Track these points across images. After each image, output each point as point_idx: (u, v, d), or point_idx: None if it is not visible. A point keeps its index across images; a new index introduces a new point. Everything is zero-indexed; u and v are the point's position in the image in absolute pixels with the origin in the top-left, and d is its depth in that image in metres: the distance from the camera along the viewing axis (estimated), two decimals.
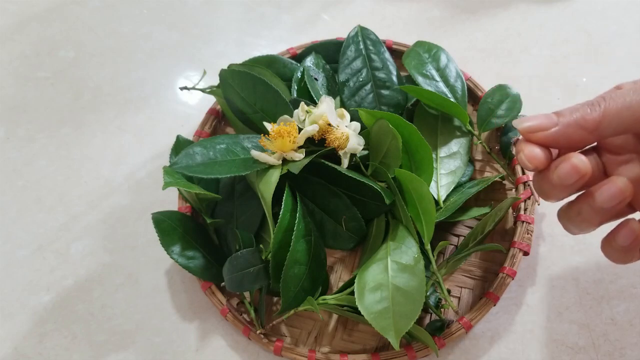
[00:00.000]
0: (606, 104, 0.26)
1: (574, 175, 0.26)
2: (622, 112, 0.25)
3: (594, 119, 0.26)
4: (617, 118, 0.26)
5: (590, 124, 0.26)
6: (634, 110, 0.25)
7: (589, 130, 0.26)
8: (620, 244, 0.27)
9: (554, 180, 0.26)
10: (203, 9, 0.59)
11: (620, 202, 0.26)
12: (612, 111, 0.26)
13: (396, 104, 0.44)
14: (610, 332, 0.39)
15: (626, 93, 0.26)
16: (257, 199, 0.38)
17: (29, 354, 0.40)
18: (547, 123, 0.27)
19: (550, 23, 0.54)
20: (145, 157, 0.49)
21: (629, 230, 0.27)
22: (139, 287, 0.43)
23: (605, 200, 0.26)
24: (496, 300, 0.37)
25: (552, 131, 0.26)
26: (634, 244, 0.27)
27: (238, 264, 0.36)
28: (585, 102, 0.27)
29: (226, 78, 0.40)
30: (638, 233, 0.27)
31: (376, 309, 0.33)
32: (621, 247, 0.27)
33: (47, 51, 0.56)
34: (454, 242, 0.42)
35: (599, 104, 0.26)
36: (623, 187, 0.26)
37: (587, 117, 0.26)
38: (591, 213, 0.27)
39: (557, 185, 0.27)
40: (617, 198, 0.26)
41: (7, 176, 0.48)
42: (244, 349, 0.40)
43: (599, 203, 0.26)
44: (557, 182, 0.26)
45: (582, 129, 0.26)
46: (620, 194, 0.26)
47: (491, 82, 0.45)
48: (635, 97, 0.25)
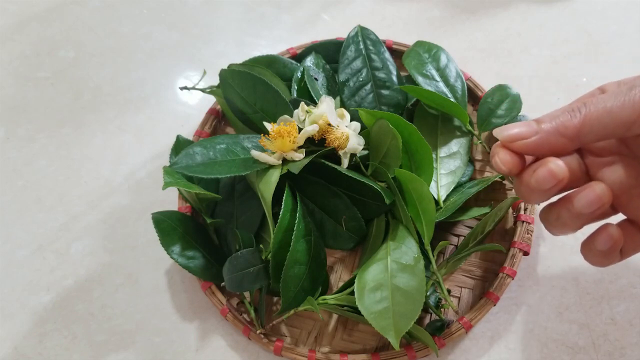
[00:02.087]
0: (586, 110, 0.25)
1: (551, 181, 0.26)
2: (603, 118, 0.25)
3: (574, 126, 0.25)
4: (597, 124, 0.25)
5: (571, 132, 0.26)
6: (614, 116, 0.25)
7: (569, 137, 0.26)
8: (599, 249, 0.27)
9: (531, 185, 0.26)
10: (203, 9, 0.59)
11: (599, 208, 0.26)
12: (593, 117, 0.25)
13: (396, 104, 0.44)
14: (610, 332, 0.39)
15: (607, 98, 0.25)
16: (257, 199, 0.38)
17: (29, 354, 0.40)
18: (527, 131, 0.26)
19: (550, 23, 0.54)
20: (145, 157, 0.49)
21: (607, 235, 0.27)
22: (139, 287, 0.43)
23: (583, 206, 0.26)
24: (496, 300, 0.37)
25: (532, 140, 0.26)
26: (612, 249, 0.27)
27: (238, 264, 0.36)
28: (566, 107, 0.26)
29: (226, 78, 0.40)
30: (616, 239, 0.27)
31: (376, 309, 0.33)
32: (599, 252, 0.27)
33: (47, 51, 0.56)
34: (454, 242, 0.42)
35: (579, 110, 0.26)
36: (601, 193, 0.26)
37: (568, 124, 0.26)
38: (570, 218, 0.27)
39: (534, 190, 0.26)
40: (596, 204, 0.26)
41: (7, 176, 0.48)
42: (244, 349, 0.40)
43: (577, 209, 0.26)
44: (535, 187, 0.26)
45: (562, 136, 0.26)
46: (599, 200, 0.26)
47: (491, 82, 0.45)
48: (616, 102, 0.25)
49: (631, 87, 0.25)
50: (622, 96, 0.25)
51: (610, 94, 0.25)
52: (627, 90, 0.25)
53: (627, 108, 0.24)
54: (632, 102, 0.24)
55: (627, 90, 0.25)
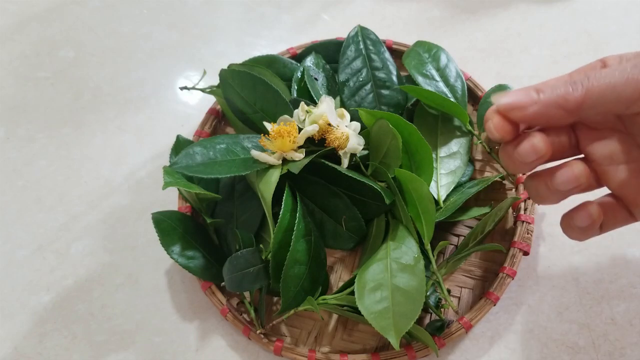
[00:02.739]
0: (589, 83, 0.25)
1: (532, 155, 0.26)
2: (606, 94, 0.25)
3: (575, 100, 0.25)
4: (599, 99, 0.25)
5: (572, 105, 0.25)
6: (617, 92, 0.24)
7: (569, 110, 0.25)
8: (578, 225, 0.28)
9: (514, 156, 0.27)
10: (203, 9, 0.59)
11: (576, 187, 0.27)
12: (595, 92, 0.25)
13: (396, 104, 0.44)
14: (610, 332, 0.39)
15: (611, 73, 0.25)
16: (257, 199, 0.38)
17: (29, 354, 0.40)
18: (526, 101, 0.26)
19: (550, 23, 0.54)
20: (145, 157, 0.49)
21: (587, 213, 0.28)
22: (139, 287, 0.43)
23: (560, 183, 0.27)
24: (496, 300, 0.37)
25: (530, 110, 0.26)
26: (590, 226, 0.28)
27: (238, 264, 0.36)
28: (566, 78, 0.26)
29: (226, 78, 0.40)
30: (595, 217, 0.28)
31: (376, 308, 0.33)
32: (578, 228, 0.28)
33: (47, 51, 0.56)
34: (454, 242, 0.42)
35: (582, 83, 0.25)
36: (579, 173, 0.26)
37: (569, 96, 0.25)
38: (548, 192, 0.27)
39: (516, 162, 0.27)
40: (572, 183, 0.26)
41: (7, 176, 0.48)
42: (244, 349, 0.40)
43: (554, 185, 0.27)
44: (517, 159, 0.27)
45: (561, 108, 0.25)
46: (575, 180, 0.26)
47: (491, 82, 0.45)
48: (620, 78, 0.24)
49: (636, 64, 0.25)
50: (626, 73, 0.24)
51: (614, 69, 0.25)
52: (632, 68, 0.24)
53: (630, 85, 0.24)
54: (636, 80, 0.24)
55: (631, 68, 0.25)
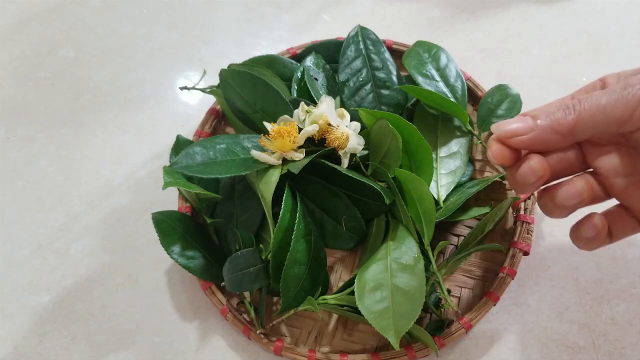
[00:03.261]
0: (581, 107, 0.26)
1: (532, 176, 0.28)
2: (596, 117, 0.26)
3: (568, 124, 0.27)
4: (591, 122, 0.26)
5: (565, 129, 0.27)
6: (608, 114, 0.26)
7: (563, 134, 0.27)
8: (584, 236, 0.29)
9: (517, 179, 0.28)
10: (203, 9, 0.59)
11: (579, 202, 0.28)
12: (586, 116, 0.26)
13: (396, 104, 0.44)
14: (610, 332, 0.39)
15: (601, 95, 0.26)
16: (257, 199, 0.38)
17: (29, 354, 0.40)
18: (523, 128, 0.28)
19: (550, 23, 0.54)
20: (145, 157, 0.49)
21: (591, 224, 0.29)
22: (139, 287, 0.43)
23: (564, 199, 0.28)
24: (496, 300, 0.37)
25: (527, 137, 0.27)
26: (596, 237, 0.29)
27: (238, 264, 0.36)
28: (561, 103, 0.27)
29: (226, 78, 0.40)
30: (599, 228, 0.29)
31: (376, 308, 0.33)
32: (585, 238, 0.29)
33: (47, 51, 0.56)
34: (454, 242, 0.42)
35: (574, 107, 0.27)
36: (581, 189, 0.28)
37: (562, 121, 0.27)
38: (554, 208, 0.29)
39: (520, 184, 0.28)
40: (575, 199, 0.28)
41: (7, 176, 0.48)
42: (244, 349, 0.40)
43: (559, 201, 0.28)
44: (520, 181, 0.28)
45: (556, 133, 0.27)
46: (578, 195, 0.28)
47: (491, 82, 0.45)
48: (610, 100, 0.26)
49: (625, 85, 0.26)
50: (616, 94, 0.26)
51: (605, 91, 0.26)
52: (621, 89, 0.26)
53: (620, 106, 0.25)
54: (625, 100, 0.25)
55: (621, 89, 0.26)
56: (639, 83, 0.25)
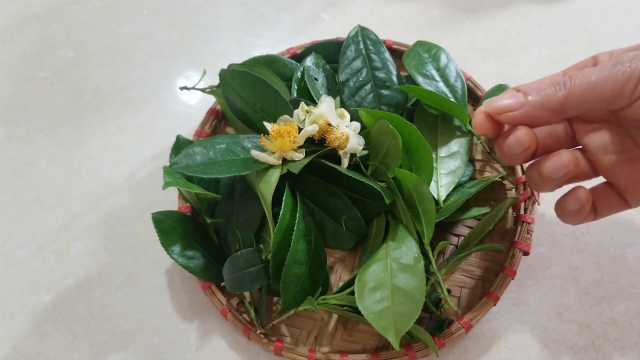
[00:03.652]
0: (571, 84, 0.26)
1: (518, 147, 0.28)
2: (586, 93, 0.26)
3: (558, 100, 0.27)
4: (581, 99, 0.26)
5: (555, 105, 0.27)
6: (597, 91, 0.26)
7: (554, 110, 0.27)
8: (569, 209, 0.30)
9: (504, 150, 0.29)
10: (203, 9, 0.59)
11: (565, 174, 0.28)
12: (577, 92, 0.26)
13: (396, 104, 0.44)
14: (610, 332, 0.39)
15: (591, 72, 0.26)
16: (257, 199, 0.38)
17: (29, 354, 0.40)
18: (514, 104, 0.28)
19: (550, 23, 0.54)
20: (145, 157, 0.49)
21: (576, 198, 0.29)
22: (139, 287, 0.43)
23: (550, 171, 0.28)
24: (496, 300, 0.37)
25: (518, 112, 0.28)
26: (580, 210, 0.29)
27: (238, 264, 0.36)
28: (552, 80, 0.28)
29: (226, 78, 0.40)
30: (584, 201, 0.29)
31: (376, 308, 0.33)
32: (569, 211, 0.30)
33: (47, 51, 0.56)
34: (454, 242, 0.42)
35: (565, 84, 0.27)
36: (567, 162, 0.28)
37: (552, 98, 0.27)
38: (541, 180, 0.29)
39: (507, 154, 0.29)
40: (561, 171, 0.28)
41: (7, 176, 0.48)
42: (244, 349, 0.40)
43: (545, 173, 0.28)
44: (507, 152, 0.29)
45: (547, 109, 0.27)
46: (564, 167, 0.28)
47: (491, 82, 0.45)
48: (600, 77, 0.26)
49: (615, 63, 0.26)
50: (606, 71, 0.26)
51: (596, 68, 0.27)
52: (612, 67, 0.26)
53: (609, 83, 0.26)
54: (614, 78, 0.26)
55: (611, 66, 0.26)
56: (629, 60, 0.26)
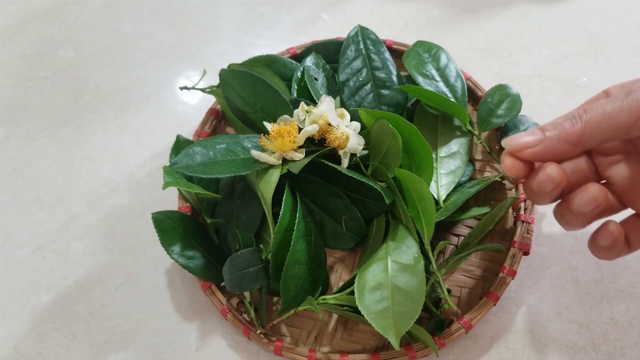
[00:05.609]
0: (587, 116, 0.27)
1: (550, 184, 0.28)
2: (602, 124, 0.26)
3: (575, 133, 0.27)
4: (598, 130, 0.27)
5: (573, 138, 0.27)
6: (613, 120, 0.26)
7: (572, 143, 0.27)
8: (602, 245, 0.29)
9: (534, 188, 0.28)
10: (203, 9, 0.59)
11: (596, 207, 0.28)
12: (593, 124, 0.27)
13: (396, 104, 0.44)
14: (610, 332, 0.39)
15: (606, 103, 0.27)
16: (257, 199, 0.38)
17: (29, 354, 0.40)
18: (533, 140, 0.28)
19: (550, 23, 0.54)
20: (145, 157, 0.49)
21: (607, 232, 0.29)
22: (139, 287, 0.43)
23: (580, 206, 0.28)
24: (496, 300, 0.37)
25: (538, 148, 0.28)
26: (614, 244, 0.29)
27: (238, 264, 0.36)
28: (568, 114, 0.28)
29: (226, 78, 0.40)
30: (616, 235, 0.29)
31: (376, 308, 0.33)
32: (603, 247, 0.29)
33: (47, 51, 0.56)
34: (454, 242, 0.42)
35: (581, 117, 0.27)
36: (596, 194, 0.28)
37: (570, 131, 0.27)
38: (572, 216, 0.29)
39: (537, 193, 0.29)
40: (592, 204, 0.28)
41: (7, 176, 0.48)
42: (244, 349, 0.40)
43: (576, 208, 0.28)
44: (537, 190, 0.28)
45: (565, 142, 0.27)
46: (594, 201, 0.28)
47: (491, 82, 0.45)
48: (615, 107, 0.26)
49: (629, 92, 0.26)
50: (620, 101, 0.26)
51: (610, 99, 0.27)
52: (625, 96, 0.26)
53: (624, 113, 0.26)
54: (629, 106, 0.26)
55: (624, 96, 0.26)
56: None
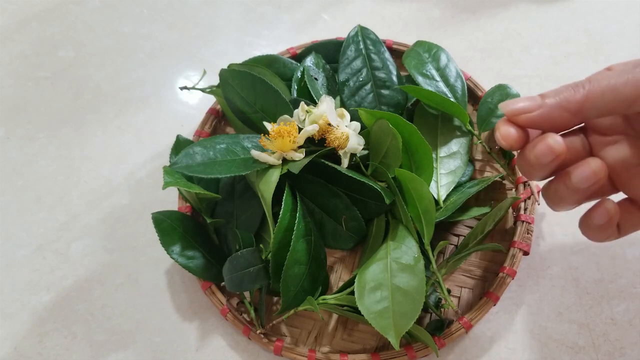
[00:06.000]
0: (590, 85, 0.26)
1: (549, 155, 0.27)
2: (606, 95, 0.25)
3: (577, 101, 0.26)
4: (600, 100, 0.26)
5: (573, 106, 0.26)
6: (617, 92, 0.25)
7: (572, 112, 0.26)
8: (596, 223, 0.28)
9: (531, 160, 0.27)
10: (203, 9, 0.59)
11: (594, 183, 0.27)
12: (596, 93, 0.26)
13: (396, 104, 0.44)
14: (610, 332, 0.39)
15: (611, 75, 0.26)
16: (257, 199, 0.38)
17: (29, 354, 0.40)
18: (531, 105, 0.27)
19: (550, 23, 0.54)
20: (145, 157, 0.49)
21: (604, 210, 0.28)
22: (139, 287, 0.43)
23: (579, 181, 0.27)
24: (496, 300, 0.37)
25: (535, 113, 0.27)
26: (608, 224, 0.28)
27: (238, 264, 0.36)
28: (571, 83, 0.27)
29: (226, 78, 0.40)
30: (612, 214, 0.28)
31: (376, 308, 0.33)
32: (596, 226, 0.28)
33: (47, 51, 0.56)
34: (454, 242, 0.42)
35: (583, 85, 0.26)
36: (597, 169, 0.27)
37: (570, 98, 0.26)
38: (567, 192, 0.28)
39: (534, 165, 0.27)
40: (591, 179, 0.27)
41: (7, 176, 0.48)
42: (244, 349, 0.40)
43: (574, 183, 0.27)
44: (534, 162, 0.27)
45: (565, 110, 0.26)
46: (594, 175, 0.27)
47: (491, 82, 0.45)
48: (620, 79, 0.25)
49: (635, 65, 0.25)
50: (626, 74, 0.25)
51: (615, 71, 0.26)
52: (632, 68, 0.25)
53: (629, 85, 0.25)
54: (635, 79, 0.25)
55: (631, 68, 0.25)
56: None
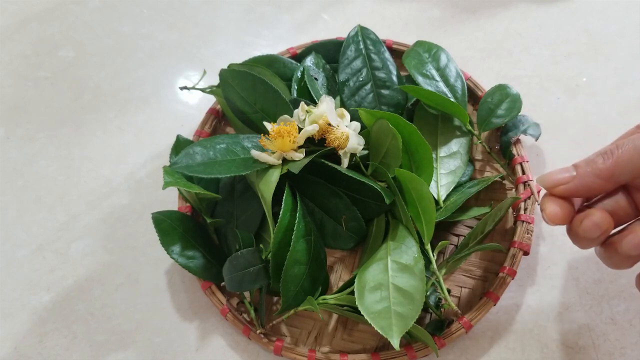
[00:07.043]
0: (618, 152, 0.27)
1: (596, 231, 0.28)
2: (634, 158, 0.27)
3: (607, 168, 0.27)
4: (629, 164, 0.27)
5: (605, 173, 0.28)
6: None
7: (605, 179, 0.28)
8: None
9: (579, 234, 0.29)
10: (203, 9, 0.59)
11: None
12: (624, 158, 0.27)
13: (396, 104, 0.44)
14: (610, 332, 0.39)
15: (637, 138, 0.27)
16: (257, 199, 0.38)
17: (29, 354, 0.40)
18: (566, 177, 0.29)
19: (550, 23, 0.54)
20: (145, 157, 0.49)
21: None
22: (139, 286, 0.43)
23: (629, 249, 0.28)
24: (496, 300, 0.37)
25: (571, 184, 0.28)
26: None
27: (238, 264, 0.36)
28: (601, 150, 0.28)
29: (226, 78, 0.40)
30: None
31: (376, 308, 0.33)
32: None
33: (47, 51, 0.56)
34: (454, 242, 0.42)
35: (612, 152, 0.28)
36: None
37: (601, 166, 0.28)
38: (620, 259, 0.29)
39: (583, 239, 0.29)
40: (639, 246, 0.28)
41: (7, 176, 0.48)
42: (244, 349, 0.40)
43: (624, 252, 0.28)
44: (583, 236, 0.29)
45: (598, 177, 0.28)
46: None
47: (491, 82, 0.45)
48: None
49: None
50: None
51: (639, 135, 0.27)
52: None
53: None
54: None
55: None
56: None
